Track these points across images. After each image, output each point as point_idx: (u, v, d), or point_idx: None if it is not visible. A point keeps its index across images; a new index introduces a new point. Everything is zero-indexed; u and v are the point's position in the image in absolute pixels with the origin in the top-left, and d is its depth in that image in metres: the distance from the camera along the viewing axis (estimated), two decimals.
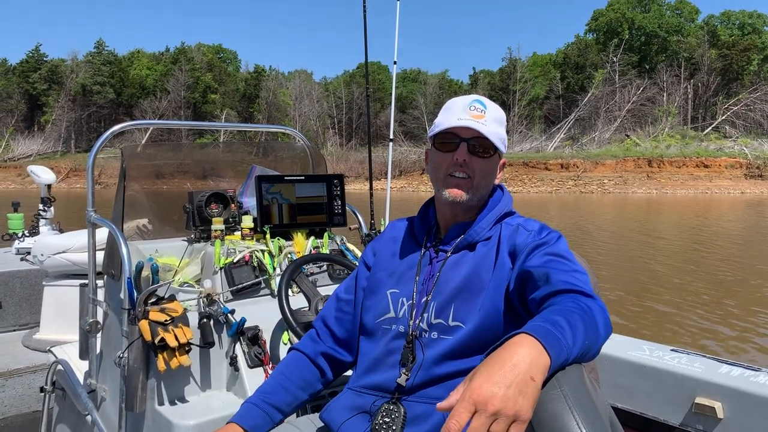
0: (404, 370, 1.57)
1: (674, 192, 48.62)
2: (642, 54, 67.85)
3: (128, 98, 72.89)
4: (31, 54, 78.59)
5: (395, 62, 3.97)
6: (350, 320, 1.79)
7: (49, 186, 5.60)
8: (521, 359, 1.07)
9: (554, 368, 1.13)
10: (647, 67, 66.10)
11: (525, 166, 54.35)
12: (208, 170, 3.33)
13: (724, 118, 59.51)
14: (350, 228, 3.00)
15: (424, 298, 1.62)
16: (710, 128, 59.56)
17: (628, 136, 58.69)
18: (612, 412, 1.30)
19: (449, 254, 1.66)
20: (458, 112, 1.62)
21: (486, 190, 1.68)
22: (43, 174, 5.57)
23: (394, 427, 1.51)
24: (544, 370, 1.09)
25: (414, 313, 1.62)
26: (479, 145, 1.61)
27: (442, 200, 1.66)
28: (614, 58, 64.33)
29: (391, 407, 1.54)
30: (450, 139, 1.62)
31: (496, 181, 1.72)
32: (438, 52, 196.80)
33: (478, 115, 1.61)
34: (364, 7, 3.57)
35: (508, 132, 1.72)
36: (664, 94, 62.59)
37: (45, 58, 78.21)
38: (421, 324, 1.60)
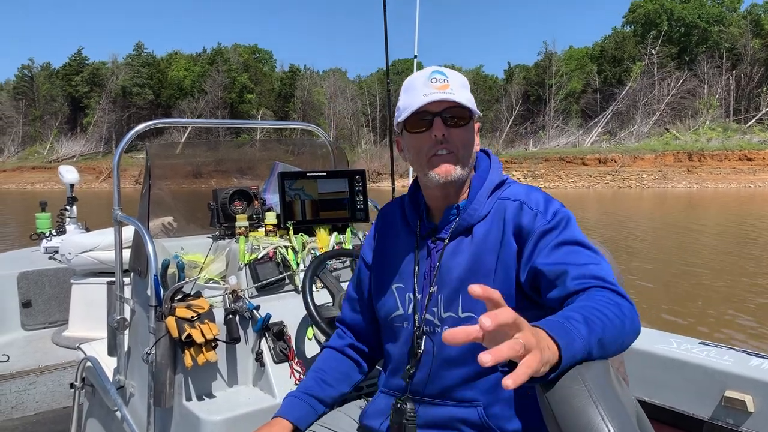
0: (414, 369, 1.56)
1: (716, 186, 47.37)
2: (681, 45, 66.24)
3: (167, 99, 74.07)
4: (73, 57, 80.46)
5: (415, 56, 4.02)
6: (366, 317, 1.80)
7: (72, 185, 5.66)
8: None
9: (563, 368, 1.11)
10: (687, 58, 64.50)
11: (561, 161, 53.59)
12: (233, 168, 3.35)
13: None
14: (372, 223, 2.99)
15: (429, 292, 1.57)
16: (753, 120, 57.82)
17: (667, 129, 57.41)
18: (638, 406, 1.28)
19: (446, 242, 1.57)
20: (421, 88, 1.51)
21: (471, 161, 1.58)
22: (67, 174, 5.65)
23: (407, 427, 1.51)
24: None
25: (419, 308, 1.58)
26: (453, 115, 1.51)
27: (431, 183, 1.55)
28: (653, 51, 62.92)
29: (405, 406, 1.54)
30: (422, 117, 1.52)
31: (477, 148, 1.61)
32: (472, 47, 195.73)
33: (443, 85, 1.51)
34: (384, 4, 3.59)
35: (543, 127, 1.66)
36: (705, 86, 61.03)
37: (87, 62, 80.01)
38: (432, 319, 1.56)
